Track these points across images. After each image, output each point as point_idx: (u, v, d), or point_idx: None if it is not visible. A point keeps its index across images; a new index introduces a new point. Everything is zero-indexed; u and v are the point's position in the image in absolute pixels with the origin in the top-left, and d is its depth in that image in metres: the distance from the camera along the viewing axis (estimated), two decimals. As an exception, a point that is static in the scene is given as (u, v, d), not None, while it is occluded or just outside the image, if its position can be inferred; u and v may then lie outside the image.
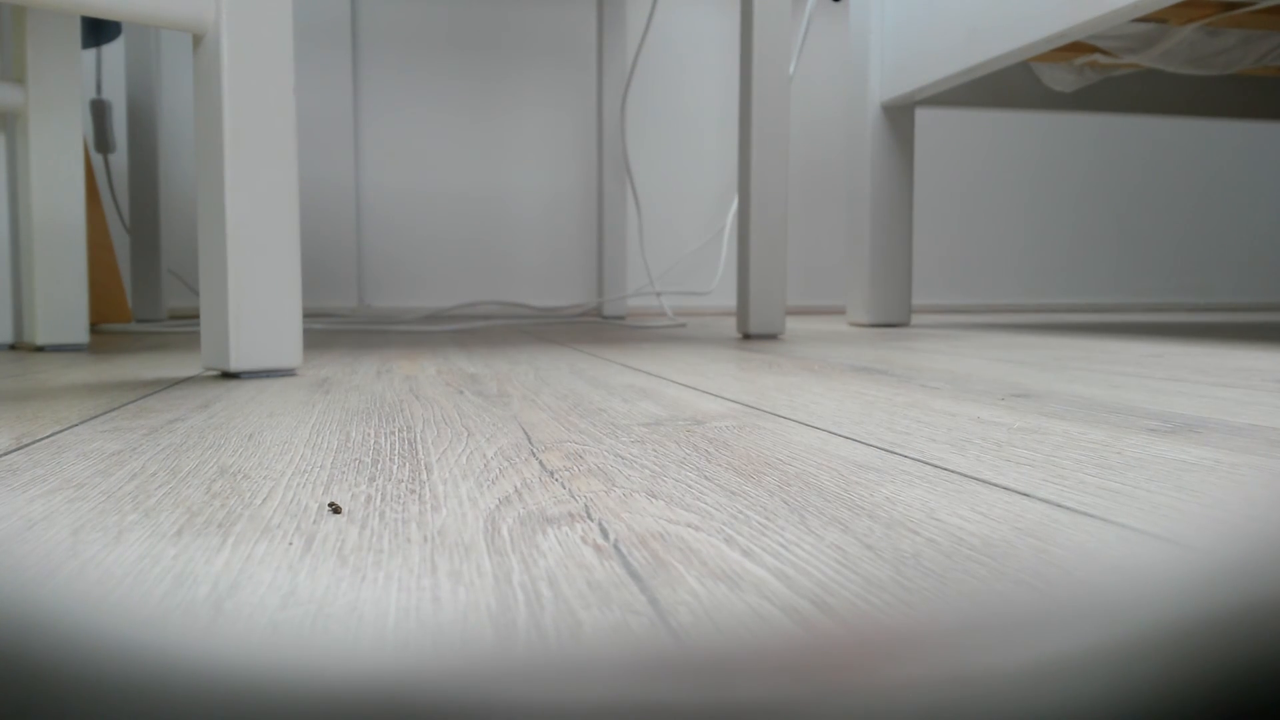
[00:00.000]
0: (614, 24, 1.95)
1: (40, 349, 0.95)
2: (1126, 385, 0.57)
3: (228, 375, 0.66)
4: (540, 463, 0.33)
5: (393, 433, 0.40)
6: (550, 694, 0.08)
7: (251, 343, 0.64)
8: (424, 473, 0.32)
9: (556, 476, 0.31)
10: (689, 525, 0.24)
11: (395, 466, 0.33)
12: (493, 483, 0.30)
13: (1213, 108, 1.65)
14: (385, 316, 1.85)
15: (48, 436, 0.39)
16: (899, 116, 1.48)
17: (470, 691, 0.08)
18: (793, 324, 1.62)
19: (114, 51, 1.79)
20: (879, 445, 0.37)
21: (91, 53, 1.63)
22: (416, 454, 0.35)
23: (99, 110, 1.60)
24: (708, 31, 2.23)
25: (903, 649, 0.08)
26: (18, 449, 0.36)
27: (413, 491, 0.29)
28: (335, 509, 0.26)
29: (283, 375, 0.66)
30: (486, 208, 2.10)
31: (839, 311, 2.33)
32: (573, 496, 0.28)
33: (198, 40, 0.64)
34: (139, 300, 1.65)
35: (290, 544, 0.23)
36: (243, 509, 0.26)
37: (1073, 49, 1.44)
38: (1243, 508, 0.26)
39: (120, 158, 1.81)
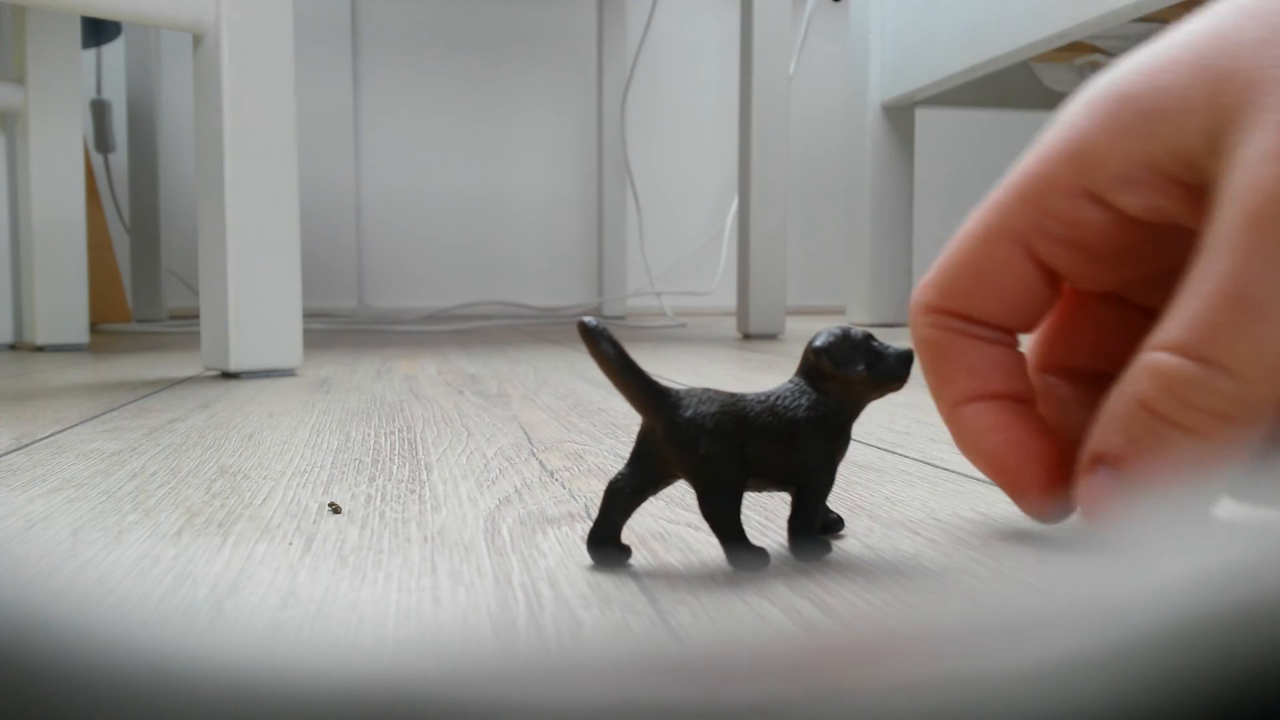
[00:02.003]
0: (614, 24, 1.95)
1: (40, 349, 0.95)
2: (1126, 385, 0.57)
3: (228, 375, 0.66)
4: (540, 463, 0.33)
5: (393, 433, 0.40)
6: (550, 694, 0.08)
7: (251, 343, 0.64)
8: (424, 473, 0.32)
9: (556, 476, 0.31)
10: (689, 525, 0.24)
11: (395, 466, 0.33)
12: (493, 483, 0.30)
13: (1213, 107, 1.64)
14: (385, 317, 1.85)
15: (48, 436, 0.39)
16: (899, 116, 1.48)
17: (470, 691, 0.08)
18: (792, 324, 1.62)
19: (114, 51, 1.79)
20: (879, 445, 0.37)
21: (91, 53, 1.63)
22: (416, 454, 0.35)
23: (99, 110, 1.60)
24: (708, 31, 2.23)
25: (903, 649, 0.08)
26: (18, 449, 0.36)
27: (413, 491, 0.29)
28: (335, 509, 0.26)
29: (283, 375, 0.66)
30: (486, 207, 2.10)
31: (839, 311, 2.33)
32: (573, 496, 0.28)
33: (198, 40, 0.64)
34: (139, 300, 1.65)
35: (290, 544, 0.23)
36: (243, 509, 0.26)
37: (1073, 49, 1.44)
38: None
39: (120, 158, 1.81)
